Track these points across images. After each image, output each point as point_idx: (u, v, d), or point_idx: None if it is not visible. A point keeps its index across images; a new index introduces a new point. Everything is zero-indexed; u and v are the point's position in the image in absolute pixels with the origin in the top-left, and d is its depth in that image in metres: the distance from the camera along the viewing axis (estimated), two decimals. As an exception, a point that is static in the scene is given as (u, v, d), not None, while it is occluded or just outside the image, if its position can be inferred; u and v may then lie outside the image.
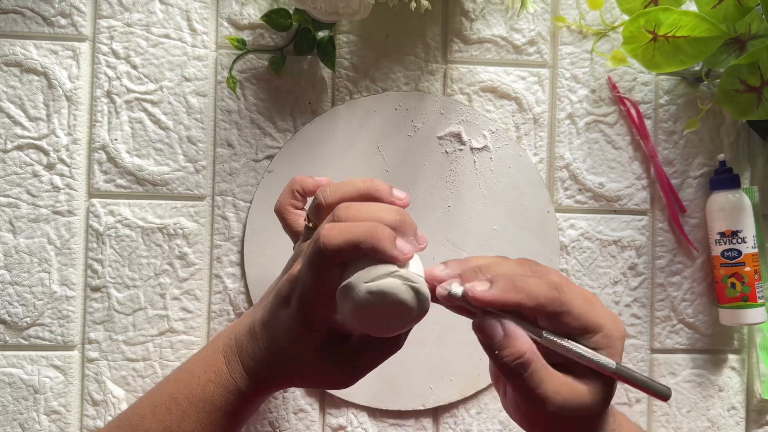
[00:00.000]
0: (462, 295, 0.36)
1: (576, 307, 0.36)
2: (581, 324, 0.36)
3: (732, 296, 0.60)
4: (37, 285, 0.59)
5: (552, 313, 0.36)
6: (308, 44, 0.59)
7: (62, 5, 0.60)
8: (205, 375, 0.43)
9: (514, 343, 0.35)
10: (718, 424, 0.63)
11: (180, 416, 0.43)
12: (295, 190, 0.49)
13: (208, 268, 0.60)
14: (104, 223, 0.59)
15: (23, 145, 0.59)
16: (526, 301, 0.35)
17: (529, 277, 0.37)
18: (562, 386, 0.36)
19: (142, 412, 0.45)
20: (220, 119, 0.61)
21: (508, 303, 0.35)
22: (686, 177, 0.64)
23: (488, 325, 0.36)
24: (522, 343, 0.35)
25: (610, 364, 0.36)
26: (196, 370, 0.44)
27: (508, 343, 0.35)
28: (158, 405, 0.44)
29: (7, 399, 0.58)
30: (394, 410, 0.60)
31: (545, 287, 0.36)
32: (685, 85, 0.64)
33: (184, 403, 0.43)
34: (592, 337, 0.36)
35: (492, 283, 0.36)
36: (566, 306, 0.36)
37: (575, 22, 0.63)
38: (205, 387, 0.43)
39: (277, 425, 0.60)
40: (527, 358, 0.35)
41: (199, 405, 0.43)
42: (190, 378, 0.44)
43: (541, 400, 0.36)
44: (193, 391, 0.43)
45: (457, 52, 0.63)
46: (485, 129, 0.62)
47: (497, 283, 0.36)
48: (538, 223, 0.62)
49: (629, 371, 0.37)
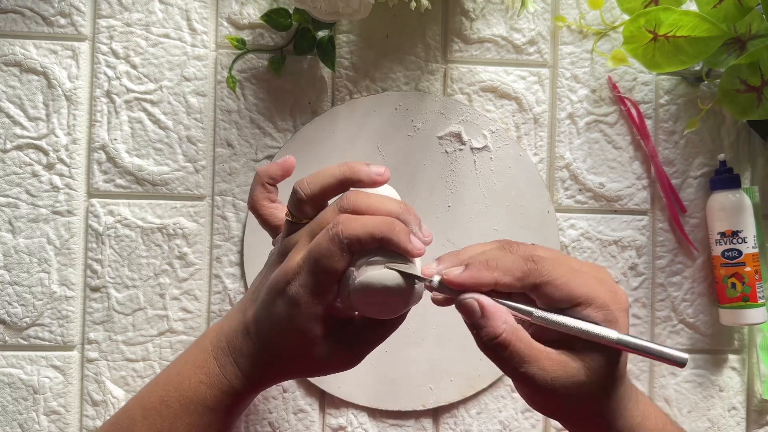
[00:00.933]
0: (438, 283, 0.36)
1: (558, 277, 0.35)
2: (565, 294, 0.35)
3: (732, 296, 0.60)
4: (36, 285, 0.59)
5: (532, 285, 0.36)
6: (308, 44, 0.59)
7: (62, 5, 0.60)
8: (196, 377, 0.43)
9: (491, 323, 0.35)
10: (719, 424, 0.63)
11: (171, 419, 0.43)
12: (264, 183, 0.47)
13: (207, 268, 0.60)
14: (104, 223, 0.59)
15: (23, 145, 0.59)
16: (501, 277, 0.35)
17: (505, 255, 0.37)
18: (551, 364, 0.35)
19: (132, 415, 0.45)
20: (220, 119, 0.61)
21: (483, 282, 0.36)
22: (686, 177, 0.64)
23: (466, 303, 0.36)
24: (499, 323, 0.35)
25: (612, 334, 0.35)
26: (185, 372, 0.44)
27: (485, 323, 0.35)
28: (149, 408, 0.44)
29: (7, 399, 0.58)
30: (394, 410, 0.60)
31: (520, 261, 0.36)
32: (686, 84, 0.64)
33: (175, 406, 0.43)
34: (584, 309, 0.35)
35: (466, 266, 0.36)
36: (545, 276, 0.35)
37: (575, 21, 0.63)
38: (196, 389, 0.43)
39: (277, 425, 0.60)
40: (504, 338, 0.35)
41: (190, 407, 0.42)
42: (180, 380, 0.43)
43: (527, 379, 0.35)
44: (184, 394, 0.43)
45: (457, 51, 0.62)
46: (485, 129, 0.62)
47: (471, 265, 0.36)
48: (539, 223, 0.62)
49: (635, 340, 0.35)
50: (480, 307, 0.36)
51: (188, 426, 0.42)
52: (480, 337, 0.36)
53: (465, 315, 0.36)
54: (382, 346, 0.42)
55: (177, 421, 0.43)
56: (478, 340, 0.36)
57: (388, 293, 0.37)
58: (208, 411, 0.43)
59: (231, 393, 0.43)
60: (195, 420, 0.42)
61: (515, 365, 0.35)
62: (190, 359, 0.45)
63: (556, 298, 0.36)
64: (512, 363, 0.35)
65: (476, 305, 0.36)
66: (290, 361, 0.42)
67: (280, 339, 0.40)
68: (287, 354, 0.41)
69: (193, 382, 0.43)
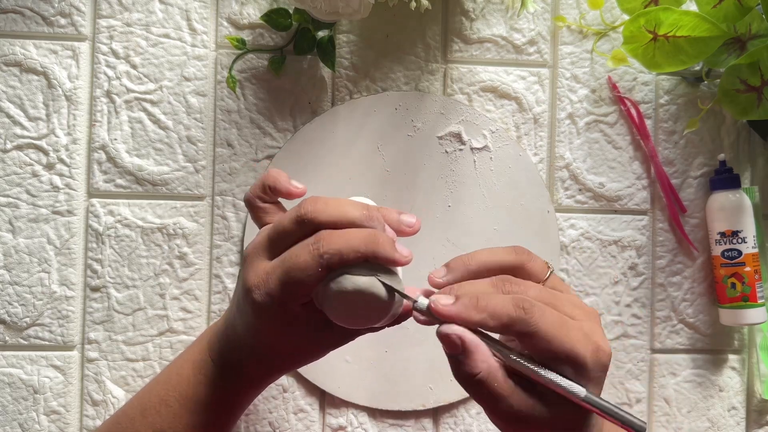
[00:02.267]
0: (426, 308, 0.36)
1: (544, 331, 0.35)
2: (549, 348, 0.35)
3: (732, 296, 0.60)
4: (36, 285, 0.59)
5: (518, 333, 0.35)
6: (308, 44, 0.59)
7: (62, 5, 0.60)
8: (195, 377, 0.43)
9: (470, 361, 0.35)
10: (719, 424, 0.63)
11: (171, 418, 0.43)
12: (267, 185, 0.44)
13: (207, 268, 0.60)
14: (104, 223, 0.59)
15: (23, 145, 0.59)
16: (489, 320, 0.35)
17: (496, 295, 0.36)
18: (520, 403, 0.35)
19: (131, 414, 0.45)
20: (220, 119, 0.61)
21: (469, 321, 0.35)
22: (686, 177, 0.64)
23: (449, 336, 0.35)
24: (478, 363, 0.35)
25: (580, 392, 0.35)
26: (184, 372, 0.44)
27: (464, 359, 0.35)
28: (148, 407, 0.44)
29: (7, 399, 0.58)
30: (394, 410, 0.60)
31: (511, 306, 0.35)
32: (686, 84, 0.64)
33: (175, 405, 0.43)
34: (561, 366, 0.35)
35: (457, 298, 0.36)
36: (531, 327, 0.35)
37: (575, 21, 0.63)
38: (195, 388, 0.43)
39: (277, 425, 0.60)
40: (481, 377, 0.35)
41: (189, 406, 0.43)
42: (180, 380, 0.44)
43: (498, 413, 0.36)
44: (183, 393, 0.43)
45: (457, 51, 0.62)
46: (485, 129, 0.62)
47: (462, 299, 0.36)
48: (538, 223, 0.62)
49: (600, 401, 0.35)
50: (461, 342, 0.35)
51: (187, 425, 0.43)
52: (458, 371, 0.36)
53: (445, 347, 0.36)
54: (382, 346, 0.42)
55: (176, 421, 0.43)
56: (454, 371, 0.36)
57: (369, 300, 0.36)
58: (208, 410, 0.43)
59: (229, 392, 0.43)
60: (194, 419, 0.43)
61: (487, 402, 0.36)
62: (189, 359, 0.45)
63: (537, 350, 0.35)
64: (485, 399, 0.36)
65: (458, 341, 0.35)
66: (276, 356, 0.42)
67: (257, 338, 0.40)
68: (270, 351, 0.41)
69: (192, 381, 0.43)
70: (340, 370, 0.59)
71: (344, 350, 0.58)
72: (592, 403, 0.35)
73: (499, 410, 0.36)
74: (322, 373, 0.59)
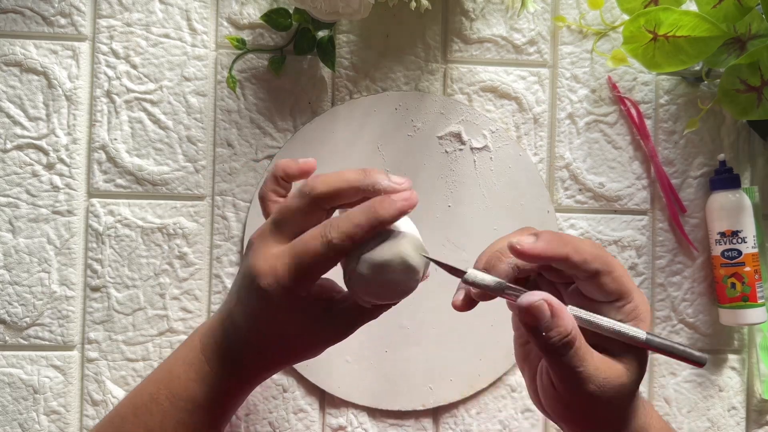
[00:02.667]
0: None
1: (617, 269, 0.36)
2: (618, 287, 0.36)
3: (732, 296, 0.60)
4: (36, 285, 0.59)
5: (595, 271, 0.35)
6: (308, 44, 0.59)
7: (62, 5, 0.60)
8: (186, 375, 0.43)
9: (561, 322, 0.35)
10: (719, 424, 0.63)
11: (161, 416, 0.43)
12: (278, 176, 0.44)
13: (207, 268, 0.60)
14: (104, 222, 0.59)
15: (23, 145, 0.59)
16: (573, 254, 0.35)
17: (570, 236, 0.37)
18: (602, 364, 0.36)
19: (123, 414, 0.45)
20: (220, 119, 0.61)
21: (556, 255, 0.35)
22: (686, 177, 0.64)
23: (537, 305, 0.35)
24: (568, 321, 0.35)
25: (640, 334, 0.36)
26: (176, 370, 0.44)
27: (556, 322, 0.35)
28: (139, 406, 0.44)
29: (7, 399, 0.58)
30: (394, 410, 0.60)
31: (589, 244, 0.36)
32: (686, 84, 0.64)
33: (165, 404, 0.43)
34: (624, 305, 0.36)
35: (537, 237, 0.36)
36: (609, 266, 0.36)
37: (575, 21, 0.63)
38: (186, 386, 0.43)
39: (277, 425, 0.60)
40: (573, 336, 0.35)
41: (180, 404, 0.42)
42: (171, 378, 0.43)
43: (582, 380, 0.35)
44: (174, 391, 0.43)
45: (457, 51, 0.62)
46: (485, 129, 0.62)
47: (543, 236, 0.36)
48: (539, 223, 0.62)
49: (661, 340, 0.36)
50: (549, 306, 0.35)
51: (178, 423, 0.42)
52: (548, 338, 0.35)
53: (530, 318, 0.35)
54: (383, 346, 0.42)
55: (167, 419, 0.42)
56: (540, 341, 0.35)
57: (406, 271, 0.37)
58: (199, 408, 0.43)
59: (221, 390, 0.42)
60: (185, 417, 0.42)
61: (575, 364, 0.35)
62: (181, 357, 0.45)
63: (609, 290, 0.36)
64: (574, 362, 0.35)
65: (545, 306, 0.35)
66: (275, 348, 0.42)
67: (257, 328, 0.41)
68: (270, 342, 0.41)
69: (183, 379, 0.43)
70: (340, 370, 0.59)
71: (344, 350, 0.59)
72: (652, 344, 0.36)
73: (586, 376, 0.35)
74: (322, 373, 0.59)
